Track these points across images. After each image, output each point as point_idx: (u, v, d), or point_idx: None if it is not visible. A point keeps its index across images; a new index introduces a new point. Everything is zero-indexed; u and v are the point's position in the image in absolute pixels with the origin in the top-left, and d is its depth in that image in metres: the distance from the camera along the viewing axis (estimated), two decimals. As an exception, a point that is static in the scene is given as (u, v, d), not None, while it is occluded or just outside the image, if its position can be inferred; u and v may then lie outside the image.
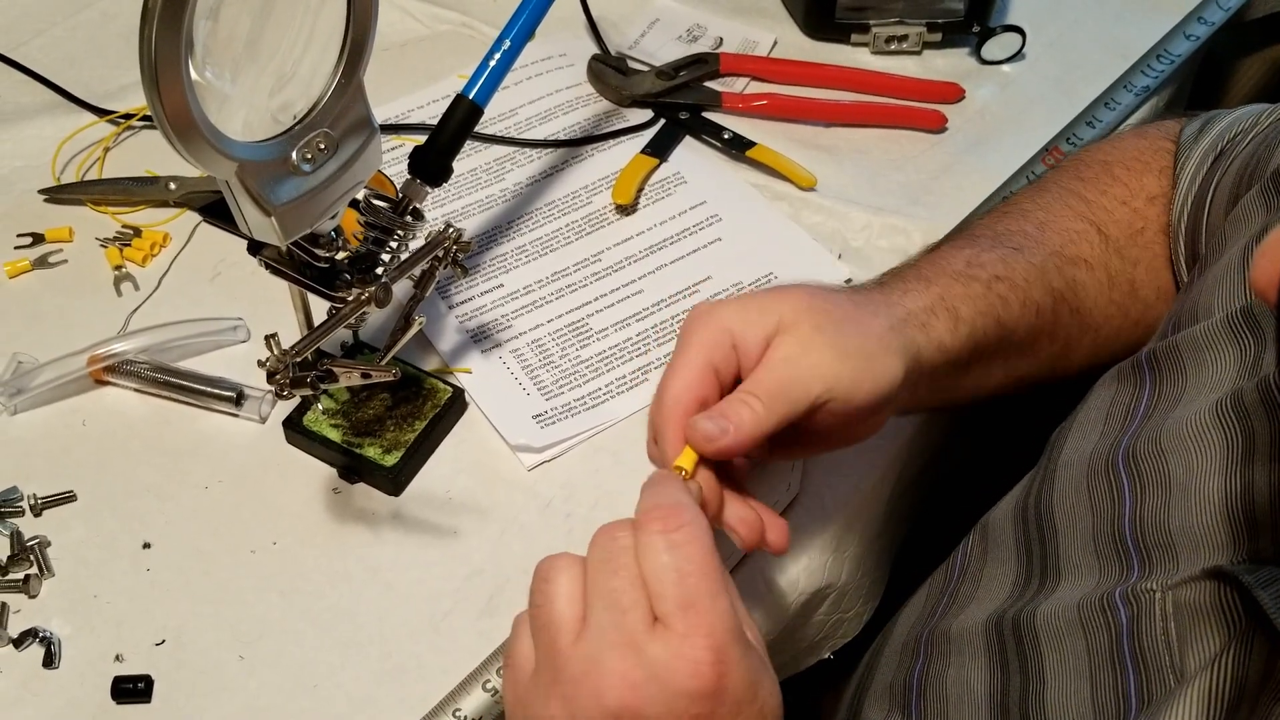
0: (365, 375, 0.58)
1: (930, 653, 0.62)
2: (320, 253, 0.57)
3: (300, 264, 0.58)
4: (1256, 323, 0.52)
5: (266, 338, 0.58)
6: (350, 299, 0.59)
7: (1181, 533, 0.49)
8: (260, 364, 0.58)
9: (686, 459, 0.52)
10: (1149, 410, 0.55)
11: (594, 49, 0.92)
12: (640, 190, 0.82)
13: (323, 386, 0.58)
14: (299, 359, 0.58)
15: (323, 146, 0.53)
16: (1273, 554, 0.44)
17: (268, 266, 0.59)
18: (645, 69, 0.89)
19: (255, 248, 0.59)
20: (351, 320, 0.61)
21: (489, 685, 0.58)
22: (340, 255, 0.60)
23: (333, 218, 0.56)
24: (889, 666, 0.65)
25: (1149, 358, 0.57)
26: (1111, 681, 0.49)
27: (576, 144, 0.85)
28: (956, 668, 0.59)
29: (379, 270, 0.62)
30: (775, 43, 0.94)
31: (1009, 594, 0.59)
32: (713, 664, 0.41)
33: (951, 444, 0.80)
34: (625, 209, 0.81)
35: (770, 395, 0.51)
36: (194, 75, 0.47)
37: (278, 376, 0.57)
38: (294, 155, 0.52)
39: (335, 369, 0.58)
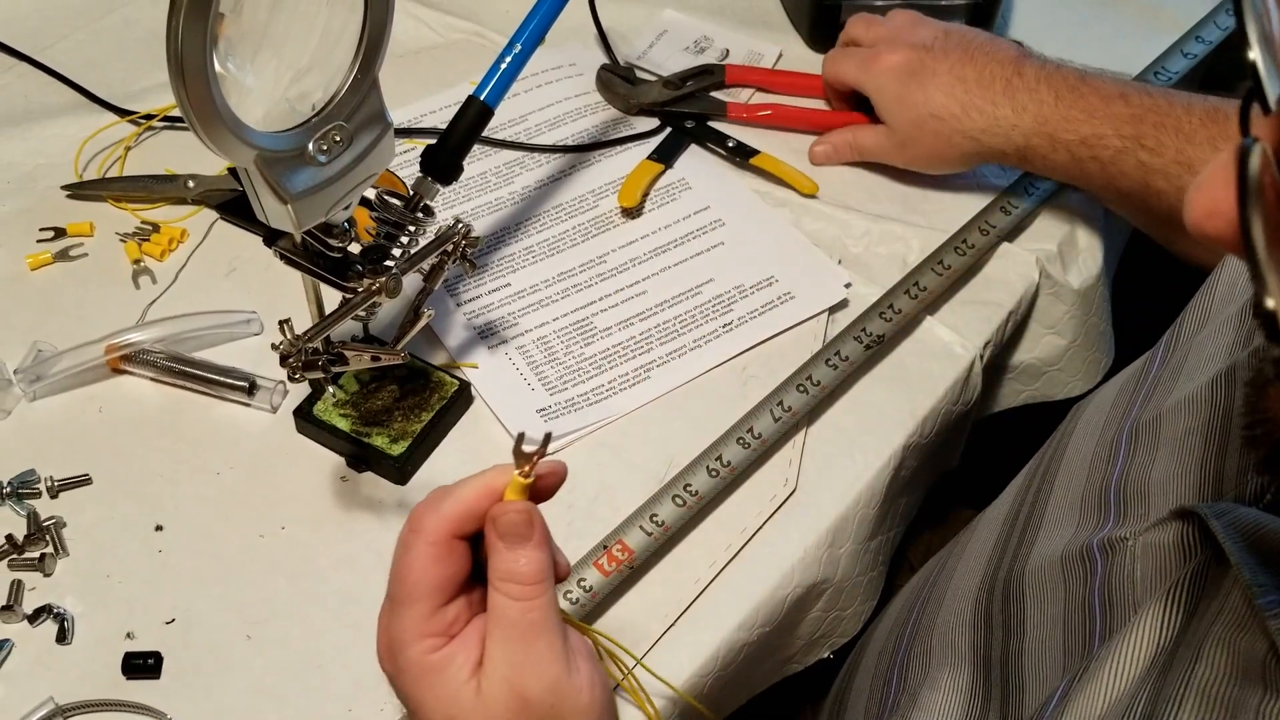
0: (375, 358, 0.60)
1: (920, 618, 0.63)
2: (333, 243, 0.59)
3: (314, 254, 0.60)
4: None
5: (280, 323, 0.60)
6: (361, 289, 0.61)
7: (1159, 484, 0.51)
8: (274, 347, 0.60)
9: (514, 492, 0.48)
10: (1155, 384, 0.57)
11: (603, 59, 0.94)
12: (646, 195, 0.84)
13: (334, 369, 0.60)
14: (311, 344, 0.60)
15: (338, 139, 0.55)
16: (1234, 499, 0.47)
17: (282, 257, 0.61)
18: (653, 79, 0.91)
19: (271, 239, 0.61)
20: (362, 311, 0.63)
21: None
22: (353, 248, 0.62)
23: (346, 208, 0.58)
24: (879, 638, 0.67)
25: (1169, 337, 0.60)
26: (1082, 627, 0.50)
27: (584, 149, 0.87)
28: (941, 628, 0.61)
29: (389, 263, 0.64)
30: (780, 55, 0.96)
31: (991, 554, 0.61)
32: (385, 647, 0.49)
33: (949, 446, 0.82)
34: (631, 212, 0.83)
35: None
36: (217, 67, 0.49)
37: (290, 360, 0.59)
38: (310, 146, 0.54)
39: (346, 352, 0.60)
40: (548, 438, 0.46)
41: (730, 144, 0.87)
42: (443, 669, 0.46)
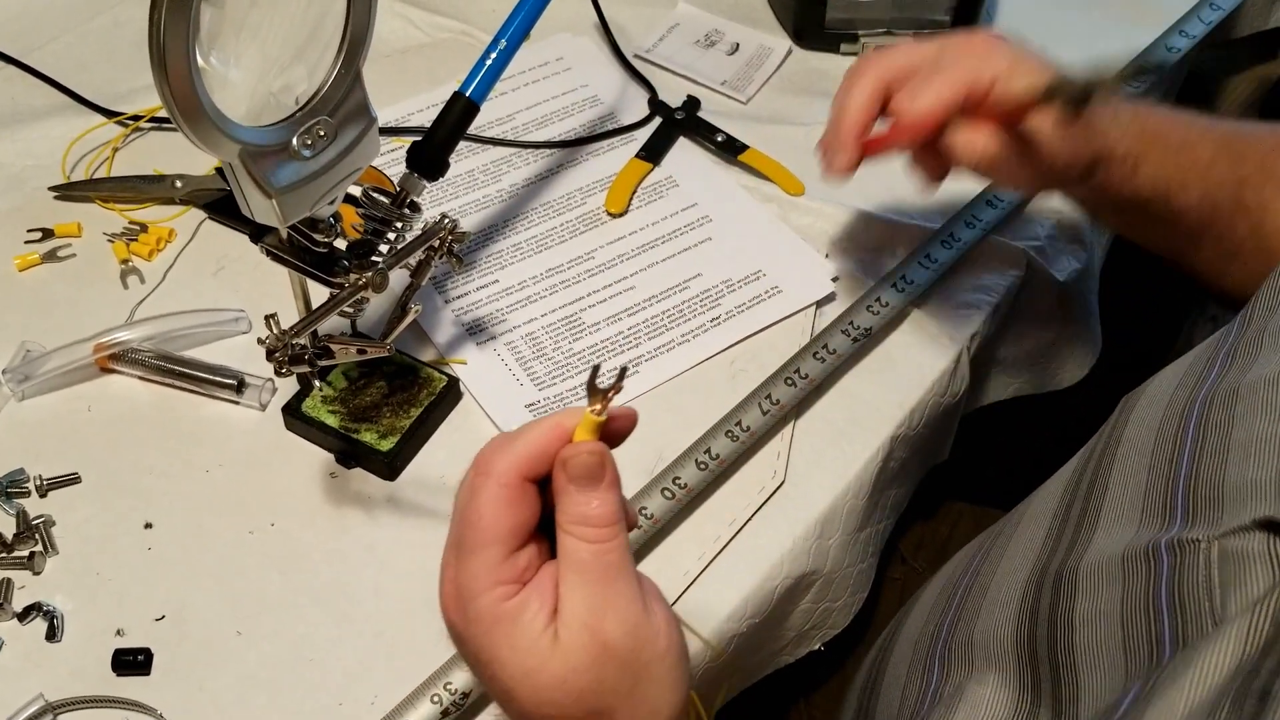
0: (361, 351, 0.60)
1: (962, 606, 0.62)
2: (319, 238, 0.59)
3: (300, 250, 0.61)
4: None
5: (266, 317, 0.60)
6: (348, 284, 0.61)
7: (1234, 486, 0.49)
8: (260, 341, 0.60)
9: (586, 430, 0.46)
10: (1226, 366, 0.55)
11: (597, 51, 0.94)
12: (633, 195, 0.84)
13: (320, 363, 0.60)
14: (297, 339, 0.60)
15: (322, 133, 0.55)
16: None
17: (269, 253, 0.62)
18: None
19: (257, 235, 0.61)
20: (349, 307, 0.63)
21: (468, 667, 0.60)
22: (339, 243, 0.62)
23: (331, 203, 0.58)
24: (894, 685, 0.65)
25: (1241, 320, 0.57)
26: (1145, 626, 0.48)
27: (572, 145, 0.88)
28: (985, 620, 0.59)
29: (376, 258, 0.64)
30: (790, 51, 0.97)
31: (1041, 549, 0.59)
32: (452, 599, 0.46)
33: (938, 438, 0.82)
34: (617, 216, 0.83)
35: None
36: (200, 61, 0.49)
37: (277, 354, 0.59)
38: (295, 140, 0.54)
39: (332, 346, 0.60)
40: (623, 371, 0.44)
41: (719, 139, 0.88)
42: (516, 617, 0.44)
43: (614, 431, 0.46)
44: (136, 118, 0.87)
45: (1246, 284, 0.66)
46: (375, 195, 0.64)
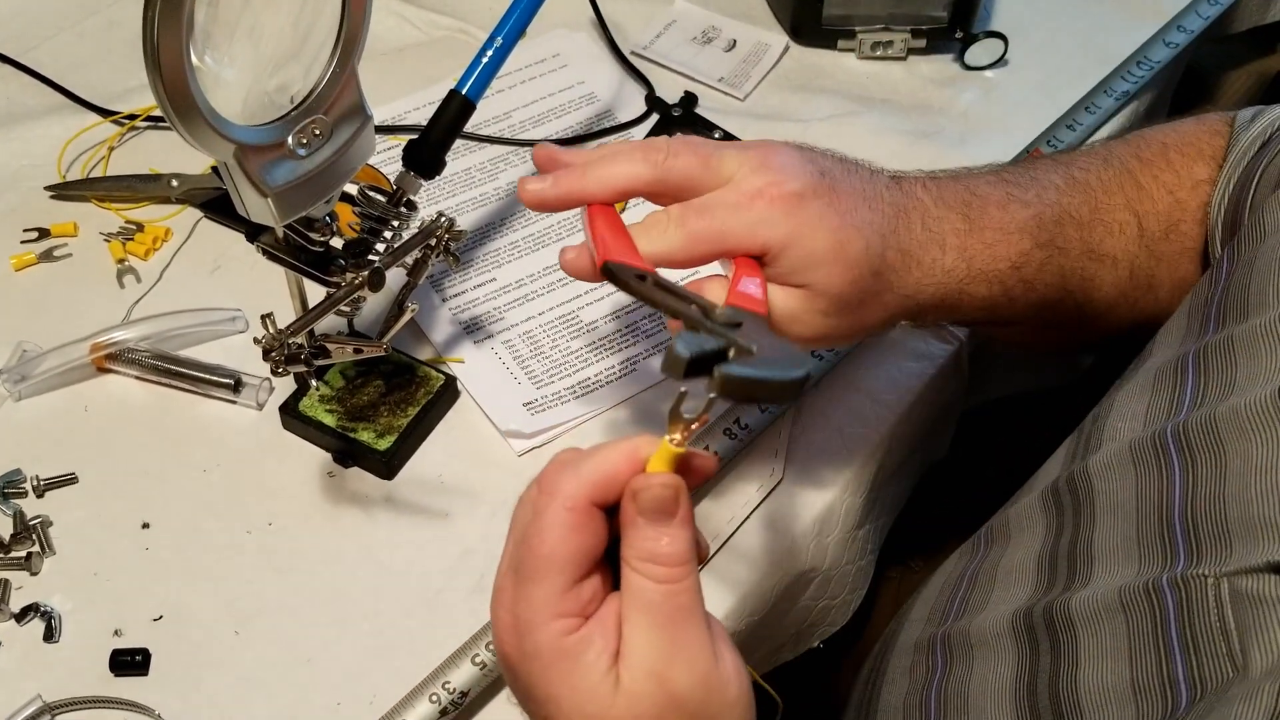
0: (357, 350, 0.60)
1: (950, 660, 0.59)
2: (315, 237, 0.59)
3: (296, 249, 0.60)
4: None
5: (263, 317, 0.60)
6: (344, 283, 0.61)
7: (1239, 522, 0.46)
8: (256, 341, 0.60)
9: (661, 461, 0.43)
10: (1196, 400, 0.53)
11: (594, 47, 0.94)
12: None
13: (317, 362, 0.60)
14: (294, 338, 0.60)
15: (318, 132, 0.55)
16: None
17: (265, 252, 0.61)
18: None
19: (253, 234, 0.61)
20: (346, 306, 0.63)
21: (478, 659, 0.60)
22: (336, 242, 0.62)
23: (327, 202, 0.58)
24: (899, 679, 0.64)
25: (1197, 356, 0.54)
26: (1155, 665, 0.46)
27: (569, 142, 0.87)
28: (981, 669, 0.56)
29: (372, 257, 0.64)
30: (787, 47, 0.97)
31: (1035, 584, 0.57)
32: (509, 629, 0.43)
33: (936, 436, 0.82)
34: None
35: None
36: (194, 59, 0.49)
37: (273, 354, 0.59)
38: (290, 139, 0.54)
39: (329, 345, 0.60)
40: (711, 403, 0.40)
41: (717, 134, 0.87)
42: (579, 655, 0.41)
43: (692, 470, 0.43)
44: (132, 117, 0.87)
45: (1080, 341, 0.68)
46: (371, 194, 0.64)
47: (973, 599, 0.61)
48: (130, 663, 0.61)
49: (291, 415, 0.69)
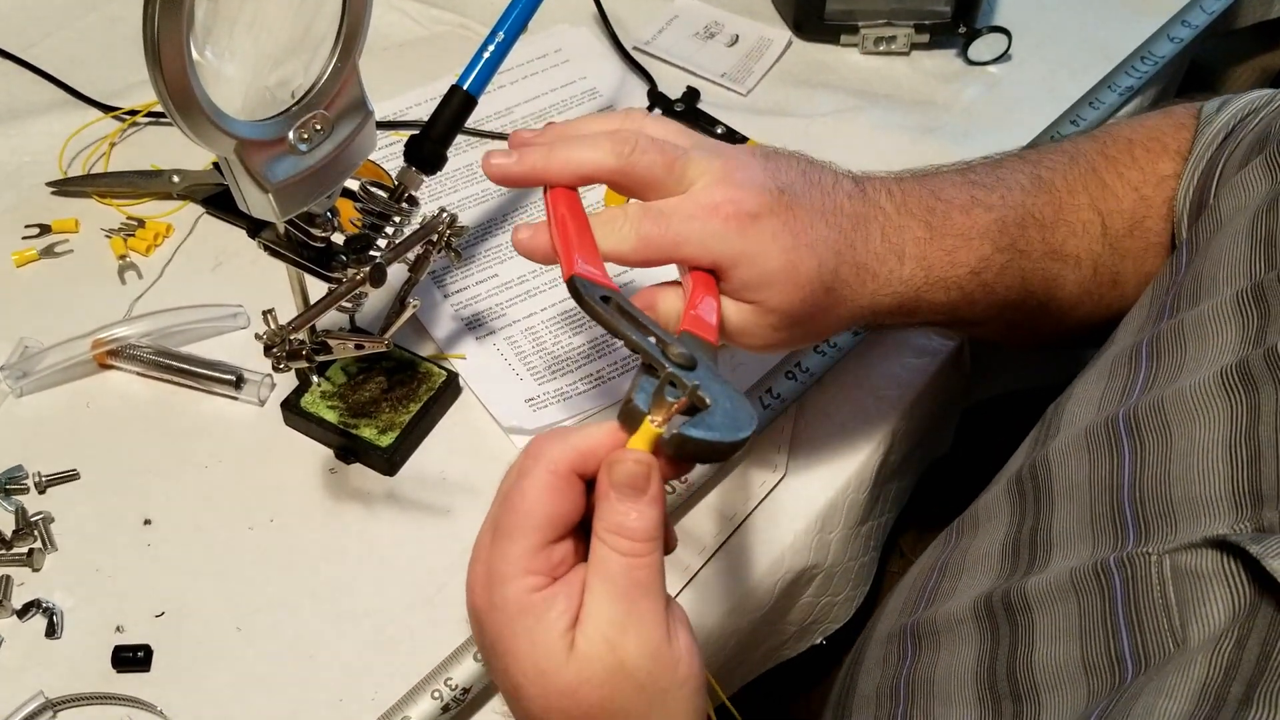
0: (359, 346, 0.60)
1: (919, 647, 0.61)
2: (316, 233, 0.59)
3: (297, 244, 0.60)
4: (1264, 296, 0.51)
5: (264, 313, 0.60)
6: (345, 279, 0.61)
7: (1183, 501, 0.48)
8: (257, 336, 0.59)
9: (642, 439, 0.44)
10: (1148, 384, 0.54)
11: (596, 43, 0.94)
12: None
13: (318, 358, 0.60)
14: (295, 334, 0.60)
15: (319, 127, 0.55)
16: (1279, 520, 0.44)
17: (266, 248, 0.61)
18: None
19: (254, 230, 0.61)
20: (347, 302, 0.63)
21: (480, 656, 0.60)
22: (337, 238, 0.62)
23: (328, 197, 0.58)
24: (873, 668, 0.65)
25: (1150, 342, 0.56)
26: (1104, 642, 0.48)
27: (571, 140, 0.87)
28: (947, 655, 0.58)
29: (374, 253, 0.64)
30: (790, 42, 0.97)
31: (998, 570, 0.58)
32: (481, 581, 0.45)
33: (938, 431, 0.82)
34: (618, 203, 0.83)
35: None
36: (195, 55, 0.49)
37: (275, 350, 0.59)
38: (291, 135, 0.54)
39: (330, 341, 0.60)
40: (695, 389, 0.42)
41: (719, 130, 0.87)
42: (541, 613, 0.42)
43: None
44: (133, 112, 0.87)
45: (1045, 340, 0.68)
46: (373, 189, 0.64)
47: (942, 588, 0.62)
48: (132, 659, 0.61)
49: (293, 411, 0.69)
